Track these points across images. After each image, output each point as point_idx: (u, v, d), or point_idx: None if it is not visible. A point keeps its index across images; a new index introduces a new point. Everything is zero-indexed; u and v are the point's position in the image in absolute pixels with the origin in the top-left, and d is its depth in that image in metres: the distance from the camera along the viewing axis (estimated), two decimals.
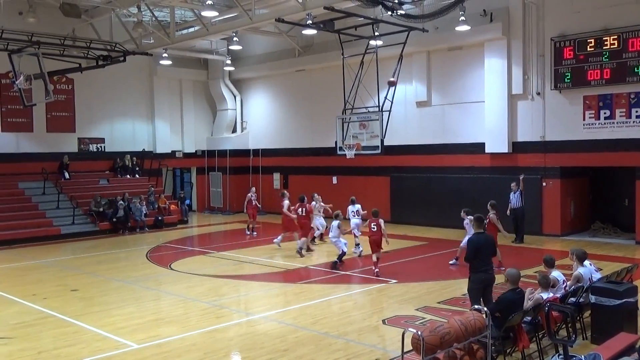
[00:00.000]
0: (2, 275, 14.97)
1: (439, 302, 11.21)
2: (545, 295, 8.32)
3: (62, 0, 21.44)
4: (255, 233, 20.95)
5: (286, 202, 17.74)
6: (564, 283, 8.99)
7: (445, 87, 21.97)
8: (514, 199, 18.55)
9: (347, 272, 14.37)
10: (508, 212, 18.35)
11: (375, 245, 13.72)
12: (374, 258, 13.82)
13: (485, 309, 7.58)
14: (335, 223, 15.30)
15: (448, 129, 21.86)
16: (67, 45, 21.37)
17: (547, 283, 8.55)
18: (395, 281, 13.21)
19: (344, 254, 15.10)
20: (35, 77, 20.04)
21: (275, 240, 17.81)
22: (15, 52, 19.96)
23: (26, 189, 22.73)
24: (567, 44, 18.64)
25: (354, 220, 16.95)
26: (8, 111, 23.39)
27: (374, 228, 13.84)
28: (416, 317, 10.26)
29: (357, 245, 16.59)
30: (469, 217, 14.23)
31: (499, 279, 9.64)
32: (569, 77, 18.64)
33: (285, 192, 18.90)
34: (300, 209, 17.11)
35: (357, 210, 17.22)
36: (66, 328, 10.18)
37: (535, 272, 13.21)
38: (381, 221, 14.04)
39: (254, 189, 21.94)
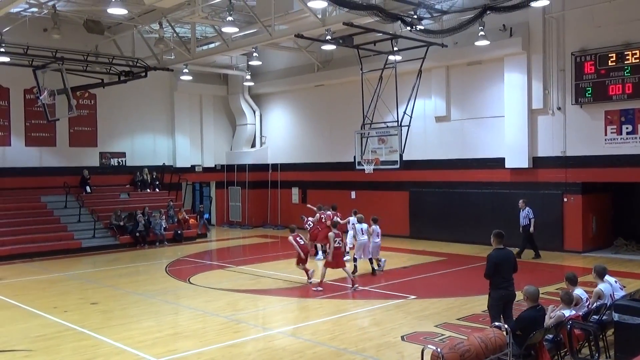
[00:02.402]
0: (24, 288, 15.14)
1: (458, 319, 11.08)
2: (567, 313, 8.19)
3: (86, 17, 21.85)
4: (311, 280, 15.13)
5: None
6: (587, 301, 8.84)
7: (464, 102, 21.90)
8: (520, 217, 18.44)
9: (365, 288, 14.28)
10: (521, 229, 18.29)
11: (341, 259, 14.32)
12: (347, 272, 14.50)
13: (506, 326, 7.49)
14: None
15: (467, 144, 21.75)
16: (90, 61, 21.78)
17: (569, 300, 8.41)
18: (414, 297, 13.10)
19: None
20: (58, 93, 20.43)
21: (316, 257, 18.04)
22: (40, 68, 20.39)
23: (48, 202, 23.04)
24: (588, 59, 18.50)
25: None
26: (32, 126, 23.81)
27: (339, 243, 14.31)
28: (435, 333, 10.15)
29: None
30: (357, 216, 16.44)
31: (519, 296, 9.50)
32: (590, 91, 18.48)
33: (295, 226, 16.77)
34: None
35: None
36: (85, 341, 10.24)
37: (557, 289, 13.02)
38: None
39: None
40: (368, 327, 10.80)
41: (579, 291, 8.87)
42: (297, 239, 14.76)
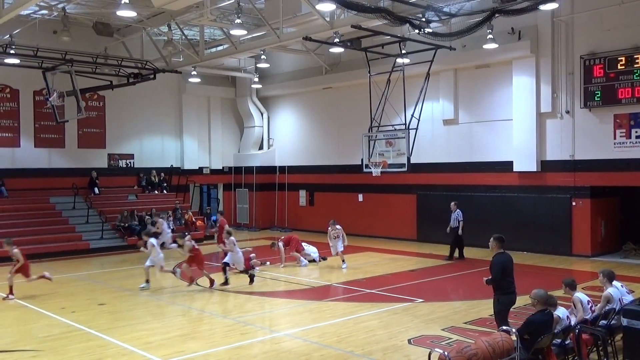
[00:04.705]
0: (32, 288, 15.19)
1: (465, 323, 11.06)
2: (561, 314, 8.15)
3: (95, 19, 21.98)
4: None
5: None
6: (589, 304, 8.79)
7: (472, 105, 21.86)
8: (451, 219, 18.98)
9: (372, 290, 14.27)
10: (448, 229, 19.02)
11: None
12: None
13: (514, 330, 7.45)
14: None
15: (475, 147, 21.70)
16: (99, 63, 21.88)
17: (552, 302, 8.30)
18: (421, 300, 13.07)
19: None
20: (68, 94, 20.53)
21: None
22: (49, 70, 20.49)
23: (57, 203, 23.16)
24: (597, 62, 18.43)
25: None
26: (41, 127, 23.96)
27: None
28: (442, 337, 10.13)
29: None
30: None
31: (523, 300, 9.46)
32: (599, 95, 18.40)
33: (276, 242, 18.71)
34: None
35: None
36: (93, 342, 10.28)
37: (565, 293, 12.97)
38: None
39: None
40: (375, 330, 10.77)
41: (579, 295, 8.83)
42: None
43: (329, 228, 17.84)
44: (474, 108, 21.83)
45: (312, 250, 18.66)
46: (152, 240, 15.21)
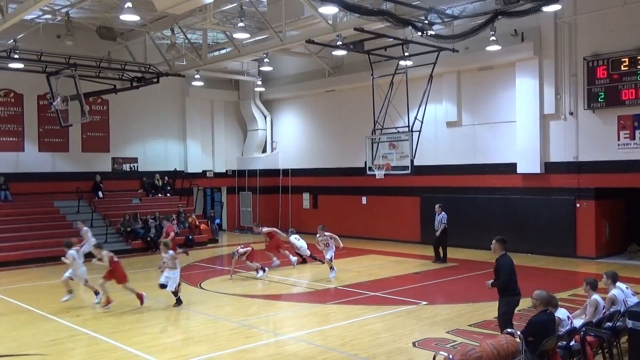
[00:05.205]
0: (37, 292, 15.25)
1: (470, 325, 11.03)
2: (561, 316, 8.13)
3: (98, 23, 22.04)
4: None
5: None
6: (603, 308, 8.77)
7: (475, 107, 21.85)
8: (435, 222, 19.07)
9: (376, 293, 14.25)
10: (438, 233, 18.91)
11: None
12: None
13: (519, 332, 7.43)
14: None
15: (479, 149, 21.68)
16: (102, 67, 21.94)
17: (553, 303, 8.26)
18: (425, 303, 13.05)
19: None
20: (71, 99, 20.60)
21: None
22: (53, 74, 20.56)
23: (61, 207, 23.19)
24: (600, 64, 18.40)
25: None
26: (45, 131, 24.03)
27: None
28: (447, 339, 10.11)
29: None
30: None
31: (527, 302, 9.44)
32: (602, 96, 18.37)
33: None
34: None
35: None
36: (98, 345, 10.30)
37: (569, 295, 12.95)
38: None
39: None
40: (379, 333, 10.75)
41: (598, 297, 8.79)
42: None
43: (317, 234, 16.70)
44: (477, 110, 21.81)
45: (301, 245, 18.52)
46: (72, 252, 13.51)
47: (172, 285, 13.07)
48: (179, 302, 13.20)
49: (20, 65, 20.32)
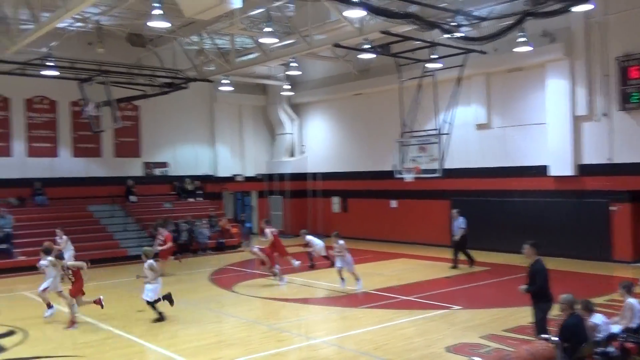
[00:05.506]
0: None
1: (504, 330, 10.89)
2: (598, 321, 7.99)
3: (128, 31, 22.40)
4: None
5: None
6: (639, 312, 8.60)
7: (505, 109, 21.61)
8: (454, 227, 18.71)
9: (407, 297, 14.18)
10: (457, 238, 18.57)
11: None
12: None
13: (554, 338, 7.34)
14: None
15: (509, 152, 21.42)
16: (133, 73, 22.28)
17: (589, 308, 8.15)
18: (458, 307, 12.95)
19: None
20: (103, 105, 20.96)
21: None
22: (86, 81, 20.95)
23: (95, 211, 23.63)
24: (632, 64, 18.05)
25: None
26: (78, 137, 24.49)
27: None
28: (481, 345, 10.00)
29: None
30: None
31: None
32: (636, 97, 18.00)
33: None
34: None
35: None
36: (131, 348, 10.46)
37: (606, 300, 12.70)
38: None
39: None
40: (412, 337, 10.70)
41: (632, 301, 8.63)
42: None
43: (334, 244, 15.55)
44: (507, 112, 21.57)
45: (317, 243, 18.62)
46: (42, 262, 12.71)
47: (152, 296, 12.19)
48: (161, 317, 12.21)
49: (55, 73, 20.74)
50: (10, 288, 16.80)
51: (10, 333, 11.63)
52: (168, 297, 12.61)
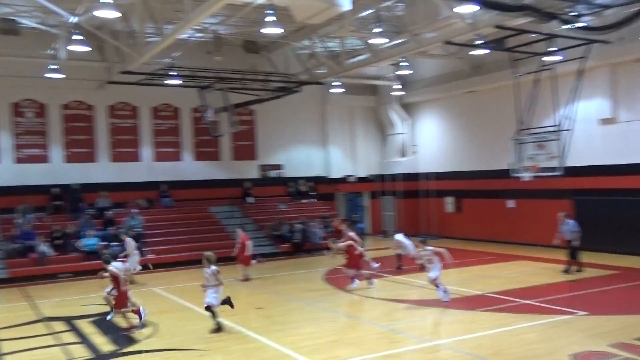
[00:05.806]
0: (197, 291, 16.31)
1: (636, 339, 10.18)
2: None
3: (244, 38, 23.32)
4: None
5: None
6: None
7: (633, 102, 20.14)
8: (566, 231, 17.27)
9: (528, 301, 13.62)
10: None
11: None
12: None
13: None
14: None
15: (637, 148, 19.92)
16: (248, 79, 23.17)
17: None
18: (583, 313, 12.27)
19: None
20: (222, 110, 21.99)
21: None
22: (205, 88, 22.09)
23: (215, 212, 24.89)
24: None
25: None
26: (199, 142, 25.87)
27: None
28: (610, 353, 9.41)
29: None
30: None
31: None
32: None
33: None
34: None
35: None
36: (252, 344, 10.87)
37: None
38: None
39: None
40: (534, 343, 10.26)
41: None
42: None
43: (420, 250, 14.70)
44: (635, 105, 20.09)
45: (408, 244, 18.48)
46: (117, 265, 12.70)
47: (214, 302, 11.76)
48: (219, 328, 11.72)
49: (177, 82, 22.03)
50: (141, 284, 17.95)
51: (141, 326, 12.41)
52: (227, 302, 12.18)
